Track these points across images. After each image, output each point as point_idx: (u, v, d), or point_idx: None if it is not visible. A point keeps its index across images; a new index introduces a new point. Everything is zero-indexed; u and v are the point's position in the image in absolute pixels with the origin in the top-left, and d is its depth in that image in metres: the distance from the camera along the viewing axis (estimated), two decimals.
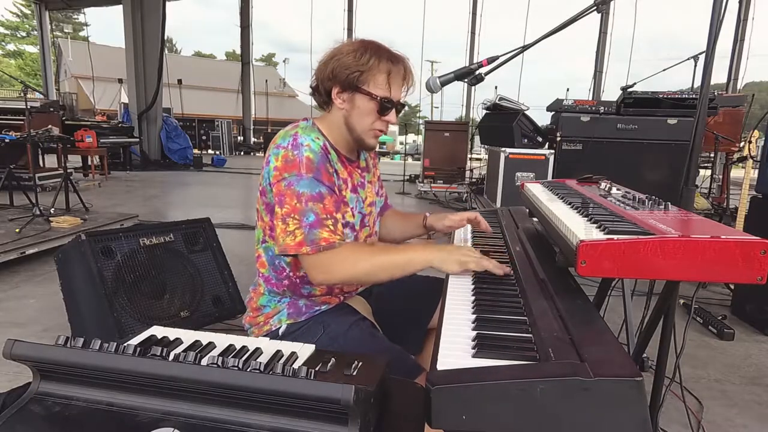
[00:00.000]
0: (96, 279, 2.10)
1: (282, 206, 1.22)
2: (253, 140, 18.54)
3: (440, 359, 0.79)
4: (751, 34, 13.52)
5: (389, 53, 1.32)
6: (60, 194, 4.60)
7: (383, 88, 1.31)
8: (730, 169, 6.00)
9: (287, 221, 1.21)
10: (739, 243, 0.85)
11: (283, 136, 1.29)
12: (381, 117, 1.33)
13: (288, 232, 1.21)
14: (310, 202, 1.21)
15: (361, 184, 1.45)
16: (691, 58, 5.43)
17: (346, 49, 1.30)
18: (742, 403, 2.13)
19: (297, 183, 1.21)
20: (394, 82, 1.32)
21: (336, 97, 1.32)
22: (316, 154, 1.25)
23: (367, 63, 1.28)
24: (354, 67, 1.27)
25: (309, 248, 1.20)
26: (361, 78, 1.28)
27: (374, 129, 1.35)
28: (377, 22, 47.44)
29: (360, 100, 1.31)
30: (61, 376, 0.86)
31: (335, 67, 1.29)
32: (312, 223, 1.20)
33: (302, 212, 1.20)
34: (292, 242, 1.21)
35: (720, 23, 1.29)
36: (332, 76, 1.30)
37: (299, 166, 1.22)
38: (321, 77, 1.32)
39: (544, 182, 1.86)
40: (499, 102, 6.36)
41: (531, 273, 1.17)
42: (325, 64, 1.31)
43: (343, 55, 1.29)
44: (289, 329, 1.36)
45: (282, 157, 1.24)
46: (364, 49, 1.29)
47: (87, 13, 22.96)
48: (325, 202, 1.23)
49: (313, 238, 1.20)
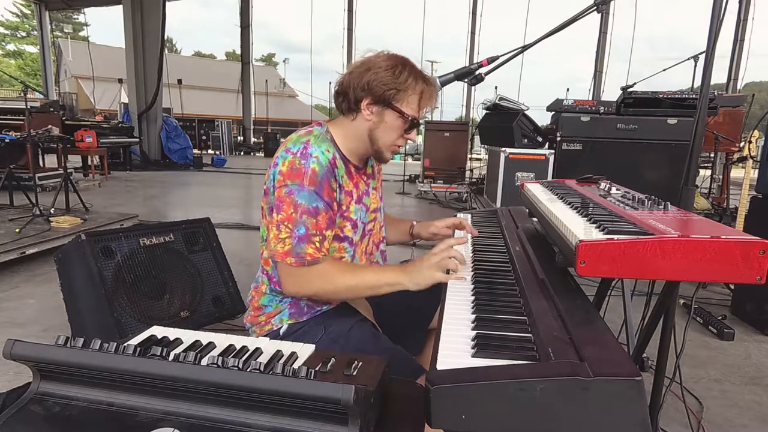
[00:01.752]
0: (96, 279, 2.10)
1: (279, 212, 1.25)
2: (253, 140, 18.53)
3: (440, 359, 0.79)
4: (751, 34, 13.54)
5: (423, 74, 1.34)
6: (60, 194, 4.60)
7: (413, 108, 1.33)
8: (730, 169, 6.00)
9: (281, 228, 1.24)
10: (739, 243, 0.85)
11: (294, 141, 1.31)
12: (405, 134, 1.37)
13: (279, 239, 1.24)
14: (304, 215, 1.23)
15: (366, 192, 1.46)
16: (691, 58, 5.43)
17: (384, 64, 1.30)
18: (742, 403, 2.13)
19: (297, 193, 1.24)
20: (423, 103, 1.35)
21: (365, 108, 1.32)
22: (322, 168, 1.26)
23: (405, 82, 1.30)
24: (392, 84, 1.29)
25: (293, 260, 1.24)
26: (396, 96, 1.30)
27: (395, 144, 1.38)
28: (377, 22, 47.44)
29: (390, 116, 1.33)
30: (61, 376, 0.86)
31: (371, 80, 1.29)
32: (301, 236, 1.23)
33: (295, 222, 1.23)
34: (281, 249, 1.24)
35: (720, 23, 1.29)
36: (367, 88, 1.30)
37: (303, 176, 1.24)
38: (354, 86, 1.32)
39: (544, 182, 1.86)
40: (499, 102, 6.36)
41: (531, 273, 1.18)
42: (360, 73, 1.31)
43: (381, 70, 1.30)
44: (290, 329, 1.36)
45: (289, 162, 1.26)
46: (402, 66, 1.31)
47: (87, 13, 23.05)
48: (318, 218, 1.25)
49: (299, 251, 1.23)
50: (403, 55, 1.36)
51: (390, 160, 1.45)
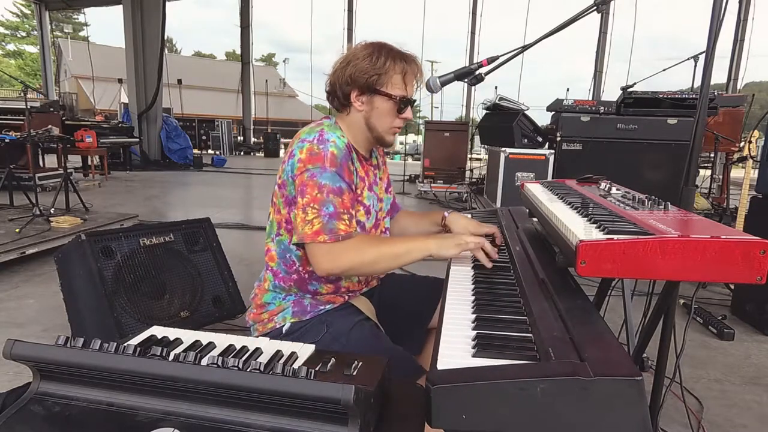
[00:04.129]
0: (96, 279, 2.10)
1: (303, 196, 1.26)
2: (253, 140, 18.53)
3: (440, 359, 0.79)
4: (751, 34, 13.52)
5: (401, 53, 1.37)
6: (60, 194, 4.60)
7: (400, 88, 1.37)
8: (730, 169, 6.00)
9: (307, 210, 1.24)
10: (739, 243, 0.85)
11: (308, 132, 1.34)
12: (399, 115, 1.39)
13: (307, 221, 1.24)
14: (330, 194, 1.25)
15: (374, 182, 1.50)
16: (691, 58, 5.43)
17: (361, 54, 1.35)
18: (742, 403, 2.13)
19: (320, 175, 1.25)
20: (408, 80, 1.38)
21: (355, 100, 1.37)
22: (341, 151, 1.29)
23: (384, 66, 1.33)
24: (371, 71, 1.33)
25: (327, 236, 1.23)
26: (379, 81, 1.34)
27: (394, 127, 1.41)
28: (377, 22, 47.46)
29: (379, 101, 1.36)
30: (61, 376, 0.86)
31: (353, 72, 1.34)
32: (331, 214, 1.24)
33: (322, 202, 1.24)
34: (310, 231, 1.23)
35: (720, 23, 1.29)
36: (350, 81, 1.35)
37: (324, 159, 1.26)
38: (339, 82, 1.37)
39: (544, 182, 1.86)
40: (499, 102, 6.36)
41: (531, 273, 1.17)
42: (341, 69, 1.36)
43: (359, 60, 1.34)
44: (292, 327, 1.37)
45: (307, 150, 1.29)
46: (378, 52, 1.34)
47: (87, 13, 23.07)
48: (344, 197, 1.27)
49: (331, 227, 1.23)
50: (379, 41, 1.39)
51: (393, 143, 1.48)
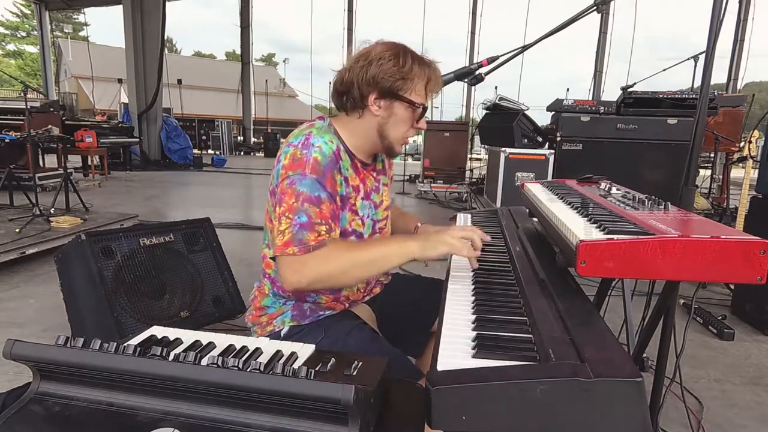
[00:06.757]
0: (96, 279, 2.10)
1: (280, 205, 1.18)
2: (253, 140, 18.53)
3: (440, 360, 0.79)
4: (751, 34, 13.53)
5: (426, 60, 1.29)
6: (60, 194, 4.60)
7: (421, 96, 1.28)
8: (730, 169, 6.00)
9: (281, 220, 1.17)
10: (739, 243, 0.85)
11: (296, 135, 1.26)
12: (415, 124, 1.31)
13: (279, 231, 1.16)
14: (306, 203, 1.16)
15: (375, 188, 1.41)
16: (691, 58, 5.44)
17: (386, 54, 1.24)
18: (742, 403, 2.12)
19: (299, 182, 1.17)
20: (430, 89, 1.30)
21: (373, 103, 1.26)
22: (325, 158, 1.20)
23: (411, 71, 1.24)
24: (398, 75, 1.23)
25: (296, 248, 1.14)
26: (404, 86, 1.25)
27: (406, 136, 1.33)
28: (377, 22, 47.42)
29: (399, 108, 1.27)
30: (61, 376, 0.86)
31: (377, 73, 1.23)
32: (303, 224, 1.15)
33: (296, 211, 1.16)
34: (280, 242, 1.16)
35: (720, 23, 1.29)
36: (373, 82, 1.24)
37: (305, 165, 1.18)
38: (358, 81, 1.25)
39: (544, 182, 1.86)
40: (499, 102, 6.35)
41: (531, 273, 1.17)
42: (362, 68, 1.24)
43: (385, 61, 1.23)
44: (291, 331, 1.35)
45: (290, 155, 1.21)
46: (404, 55, 1.25)
47: (87, 13, 23.07)
48: (322, 207, 1.18)
49: (301, 238, 1.15)
50: (400, 42, 1.30)
51: (400, 153, 1.40)
